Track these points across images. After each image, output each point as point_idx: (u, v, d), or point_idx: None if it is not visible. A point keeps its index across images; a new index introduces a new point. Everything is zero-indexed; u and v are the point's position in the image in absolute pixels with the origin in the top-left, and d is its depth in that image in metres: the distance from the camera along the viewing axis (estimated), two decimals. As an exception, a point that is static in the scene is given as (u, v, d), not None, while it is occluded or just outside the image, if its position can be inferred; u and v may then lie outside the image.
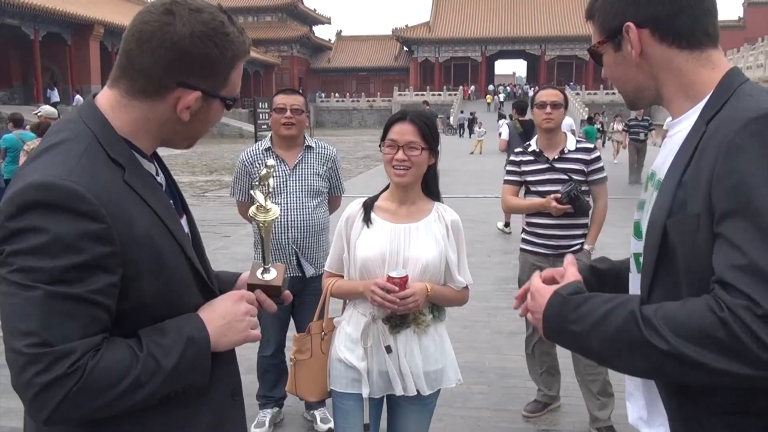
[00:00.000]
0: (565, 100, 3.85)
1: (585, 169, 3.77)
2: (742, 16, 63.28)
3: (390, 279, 2.27)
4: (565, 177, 3.73)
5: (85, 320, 1.13)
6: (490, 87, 63.54)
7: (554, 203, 3.64)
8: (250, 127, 30.11)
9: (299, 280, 3.66)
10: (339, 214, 2.77)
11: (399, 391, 2.40)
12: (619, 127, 22.30)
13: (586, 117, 33.45)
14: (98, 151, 1.23)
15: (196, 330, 1.28)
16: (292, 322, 3.88)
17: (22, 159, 8.78)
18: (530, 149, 3.92)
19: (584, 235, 3.80)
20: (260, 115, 16.13)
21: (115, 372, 1.15)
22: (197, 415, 1.36)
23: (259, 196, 1.54)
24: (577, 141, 3.88)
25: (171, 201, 1.40)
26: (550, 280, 1.45)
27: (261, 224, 1.55)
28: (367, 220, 2.44)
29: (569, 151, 3.79)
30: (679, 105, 1.33)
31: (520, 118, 9.34)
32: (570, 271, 1.40)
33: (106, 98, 1.31)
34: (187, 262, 1.34)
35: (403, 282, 2.27)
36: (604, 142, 23.62)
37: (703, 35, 1.30)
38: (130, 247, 1.19)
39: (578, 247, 3.77)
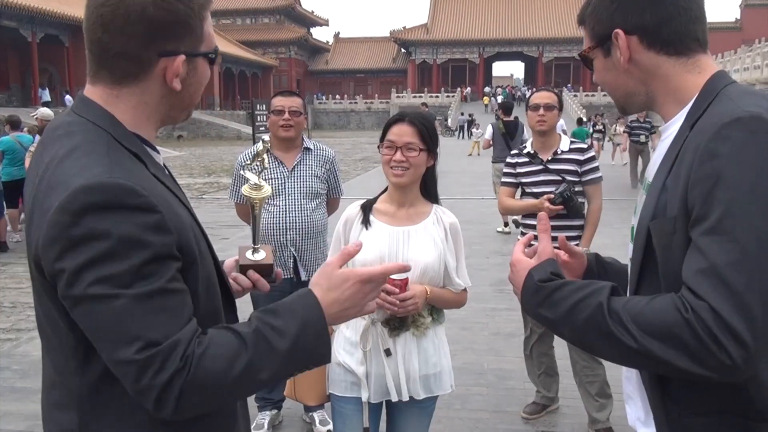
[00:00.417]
0: (559, 102, 3.86)
1: (578, 170, 3.78)
2: (738, 17, 63.42)
3: (391, 281, 2.27)
4: (559, 178, 3.75)
5: (176, 311, 1.13)
6: (487, 89, 63.54)
7: (547, 204, 3.65)
8: (248, 129, 30.10)
9: (295, 283, 3.66)
10: (337, 216, 2.78)
11: (394, 397, 2.39)
12: (621, 129, 22.23)
13: (585, 118, 33.44)
14: (118, 147, 1.20)
15: (311, 307, 1.24)
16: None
17: (27, 161, 8.77)
18: (525, 151, 3.93)
19: (579, 237, 3.80)
20: (258, 117, 16.08)
21: (223, 358, 1.13)
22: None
23: (250, 175, 1.54)
24: (571, 142, 3.89)
25: None
26: (531, 254, 1.48)
27: (254, 202, 1.55)
28: (365, 222, 2.44)
29: (563, 151, 3.81)
30: (668, 109, 1.35)
31: (505, 118, 9.85)
32: (543, 246, 1.43)
33: (96, 95, 1.25)
34: (210, 252, 1.32)
35: (403, 284, 2.27)
36: (603, 145, 23.41)
37: (692, 41, 1.31)
38: (181, 233, 1.18)
39: None
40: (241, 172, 1.46)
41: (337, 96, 66.03)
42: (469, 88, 63.68)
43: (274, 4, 67.36)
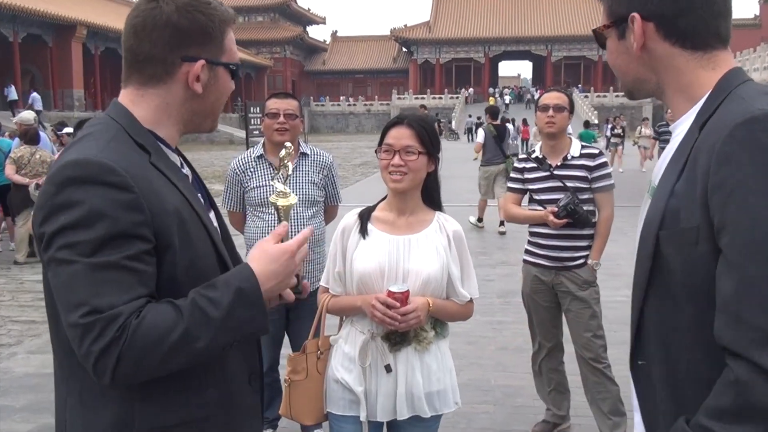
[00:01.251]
0: (570, 103, 3.85)
1: (588, 176, 3.76)
2: (758, 14, 63.60)
3: (390, 294, 2.26)
4: (569, 185, 3.75)
5: (125, 285, 1.26)
6: (491, 90, 63.65)
7: (551, 217, 3.65)
8: (241, 133, 30.12)
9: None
10: (335, 224, 2.78)
11: (396, 416, 2.39)
12: (647, 131, 21.62)
13: (595, 120, 33.16)
14: (125, 137, 1.39)
15: (246, 278, 1.37)
16: (286, 339, 3.88)
17: (7, 166, 8.78)
18: (534, 155, 3.92)
19: (589, 247, 3.79)
20: (252, 120, 16.12)
21: (159, 327, 1.25)
22: (207, 391, 1.44)
23: (278, 184, 1.71)
24: (582, 146, 3.87)
25: (199, 195, 1.56)
26: None
27: (280, 209, 1.70)
28: (363, 231, 2.44)
29: (573, 157, 3.79)
30: (678, 105, 1.35)
31: (494, 122, 10.86)
32: None
33: (125, 96, 1.47)
34: (213, 247, 1.47)
35: (404, 297, 2.27)
36: (623, 150, 22.57)
37: (711, 37, 1.30)
38: (160, 217, 1.32)
39: (582, 260, 3.78)
40: (271, 182, 1.70)
41: (335, 98, 66.20)
42: (471, 90, 63.79)
43: (268, 1, 67.67)
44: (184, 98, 1.47)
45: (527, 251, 3.98)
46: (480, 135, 11.13)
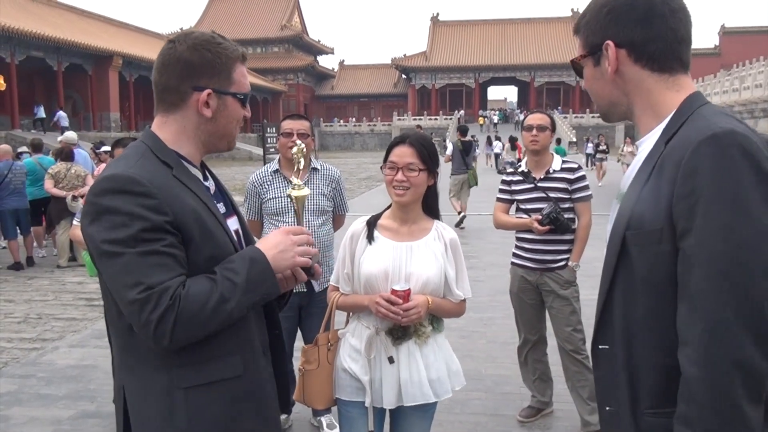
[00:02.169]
0: (552, 123, 3.87)
1: (569, 188, 3.77)
2: (718, 44, 63.67)
3: (394, 292, 2.27)
4: (551, 196, 3.75)
5: (168, 266, 1.41)
6: (480, 112, 63.63)
7: (536, 224, 3.67)
8: (259, 151, 30.19)
9: (306, 294, 3.66)
10: (343, 231, 2.78)
11: (397, 402, 2.38)
12: (629, 149, 21.65)
13: (573, 139, 33.24)
14: (151, 156, 1.53)
15: (255, 252, 1.55)
16: (299, 333, 3.87)
17: (46, 181, 8.81)
18: (520, 170, 3.93)
19: (569, 251, 3.79)
20: (268, 139, 16.16)
21: (202, 294, 1.42)
22: (232, 357, 1.56)
23: (294, 179, 1.88)
24: (563, 161, 3.88)
25: (221, 203, 1.68)
26: None
27: (294, 199, 1.84)
28: (370, 237, 2.44)
29: (554, 171, 3.80)
30: (646, 122, 1.36)
31: (462, 139, 11.69)
32: None
33: (155, 123, 1.61)
34: (230, 243, 1.57)
35: (406, 295, 2.28)
36: (599, 164, 22.33)
37: (675, 61, 1.33)
38: (181, 216, 1.45)
39: (563, 262, 3.77)
40: (291, 178, 1.94)
41: (343, 119, 66.26)
42: (462, 112, 63.72)
43: (283, 34, 67.85)
44: (198, 122, 1.57)
45: (514, 254, 3.98)
46: (449, 148, 12.19)
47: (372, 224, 2.48)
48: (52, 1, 39.31)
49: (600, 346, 1.37)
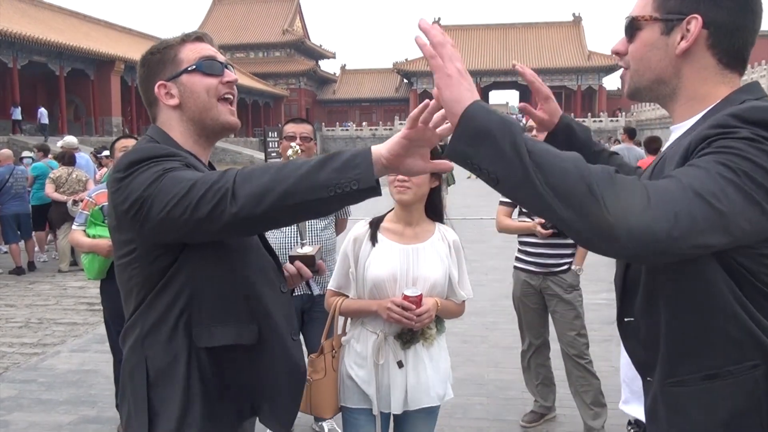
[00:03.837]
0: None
1: None
2: None
3: (406, 297, 2.27)
4: None
5: (217, 173, 1.41)
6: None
7: (539, 228, 3.65)
8: (261, 155, 30.18)
9: (308, 298, 3.65)
10: (345, 235, 2.76)
11: (405, 407, 2.37)
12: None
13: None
14: (163, 147, 1.54)
15: (364, 150, 1.37)
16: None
17: (47, 185, 8.81)
18: None
19: (572, 255, 3.78)
20: (270, 143, 16.16)
21: (258, 169, 1.36)
22: (249, 325, 1.56)
23: None
24: None
25: None
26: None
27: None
28: (373, 239, 2.43)
29: None
30: (683, 111, 1.27)
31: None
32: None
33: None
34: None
35: (418, 300, 2.28)
36: None
37: (742, 60, 1.24)
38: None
39: (567, 266, 3.76)
40: None
41: (350, 122, 66.31)
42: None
43: (284, 39, 67.95)
44: (173, 114, 1.62)
45: (517, 258, 3.96)
46: None
47: (375, 226, 2.47)
48: (54, 6, 39.39)
49: (626, 320, 1.32)
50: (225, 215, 1.31)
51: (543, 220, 3.66)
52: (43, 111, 29.62)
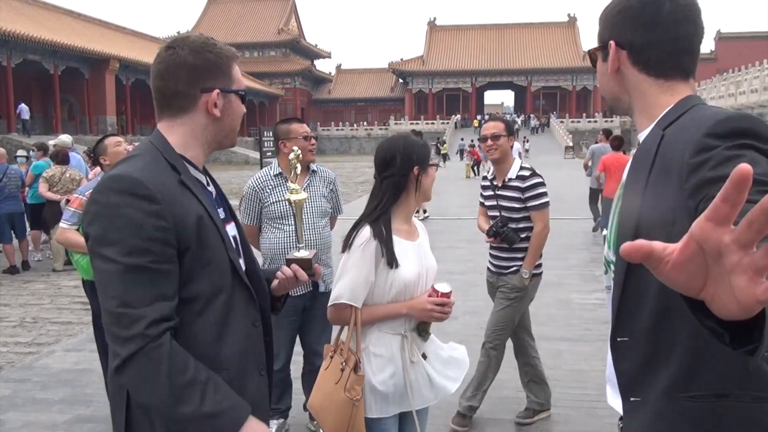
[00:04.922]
0: (507, 128, 3.85)
1: (521, 196, 3.75)
2: (714, 49, 63.95)
3: (442, 294, 2.30)
4: (503, 204, 3.82)
5: (154, 285, 1.39)
6: (477, 116, 63.82)
7: (485, 235, 3.83)
8: (256, 155, 30.18)
9: (310, 295, 3.67)
10: (336, 233, 2.74)
11: (435, 398, 2.40)
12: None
13: (570, 144, 33.24)
14: (161, 160, 1.52)
15: (244, 410, 1.48)
16: (298, 340, 3.87)
17: (40, 185, 8.78)
18: (489, 176, 4.01)
19: (522, 258, 3.83)
20: (265, 143, 16.14)
21: (183, 362, 1.39)
22: (228, 325, 1.56)
23: (291, 184, 1.95)
24: (521, 168, 3.82)
25: (221, 209, 1.67)
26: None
27: (293, 203, 1.90)
28: (390, 242, 2.31)
29: (510, 179, 3.80)
30: (641, 122, 1.41)
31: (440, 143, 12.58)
32: None
33: (162, 127, 1.60)
34: (225, 251, 1.55)
35: (450, 293, 2.33)
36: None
37: (672, 69, 1.36)
38: (182, 223, 1.44)
39: (515, 269, 3.85)
40: (288, 183, 2.13)
41: (343, 122, 66.30)
42: (458, 116, 63.89)
43: (280, 38, 67.92)
44: (206, 123, 1.59)
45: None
46: None
47: (388, 229, 2.33)
48: (48, 4, 39.31)
49: (619, 339, 1.34)
50: (113, 362, 1.38)
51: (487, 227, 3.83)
52: (23, 107, 29.50)
